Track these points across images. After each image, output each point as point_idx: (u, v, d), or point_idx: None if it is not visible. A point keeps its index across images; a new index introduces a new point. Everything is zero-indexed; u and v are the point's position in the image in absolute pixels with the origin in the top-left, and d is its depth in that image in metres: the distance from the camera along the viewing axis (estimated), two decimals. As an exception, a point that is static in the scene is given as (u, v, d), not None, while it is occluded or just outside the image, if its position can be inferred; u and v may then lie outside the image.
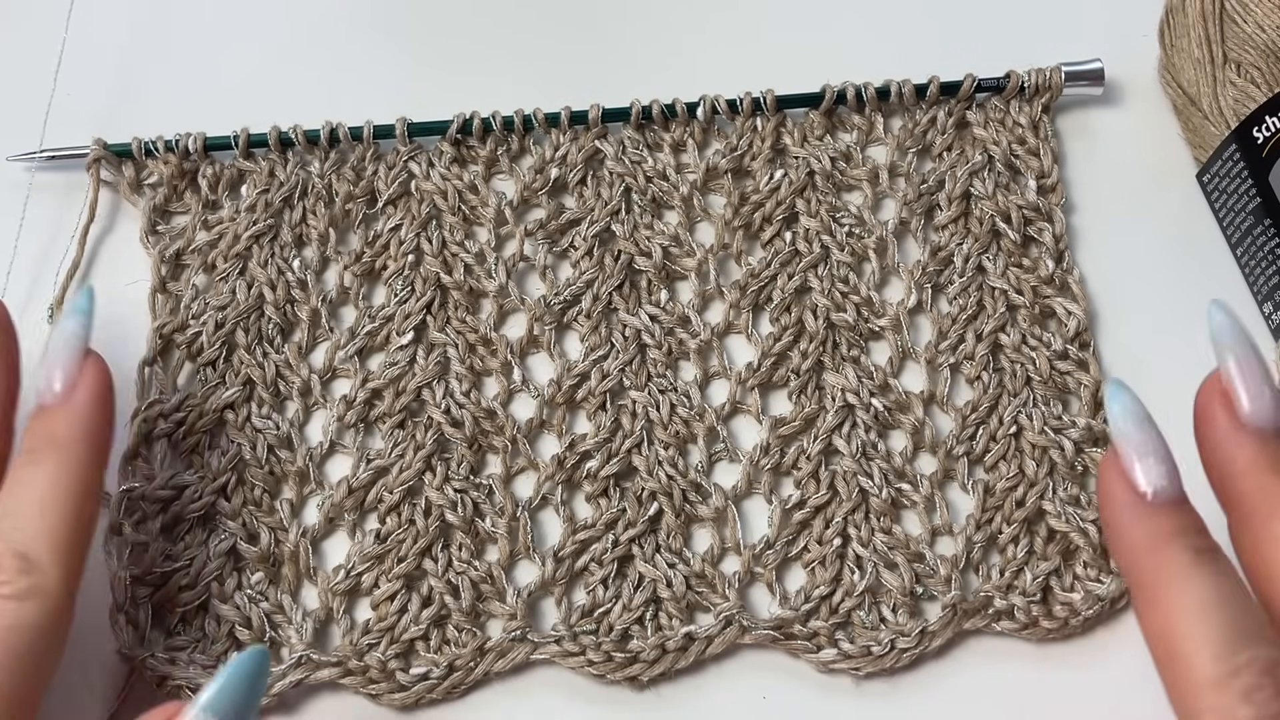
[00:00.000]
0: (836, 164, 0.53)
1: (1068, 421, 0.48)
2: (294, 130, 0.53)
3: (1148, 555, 0.34)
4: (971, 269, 0.51)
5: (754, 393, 0.49)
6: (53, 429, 0.41)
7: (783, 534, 0.47)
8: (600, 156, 0.54)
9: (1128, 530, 0.35)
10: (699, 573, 0.46)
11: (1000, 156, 0.53)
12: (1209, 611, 0.32)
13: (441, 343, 0.50)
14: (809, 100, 0.54)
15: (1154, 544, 0.34)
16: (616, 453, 0.48)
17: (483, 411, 0.49)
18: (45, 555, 0.38)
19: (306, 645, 0.44)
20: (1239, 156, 0.50)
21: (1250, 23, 0.51)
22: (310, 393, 0.50)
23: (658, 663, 0.44)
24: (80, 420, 0.41)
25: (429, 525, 0.47)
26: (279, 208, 0.53)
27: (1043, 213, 0.52)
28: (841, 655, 0.44)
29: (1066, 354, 0.49)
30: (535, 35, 0.59)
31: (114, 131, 0.54)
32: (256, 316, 0.51)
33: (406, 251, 0.52)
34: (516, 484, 0.49)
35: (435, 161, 0.54)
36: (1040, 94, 0.54)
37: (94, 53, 0.59)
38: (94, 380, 0.42)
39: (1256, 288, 0.51)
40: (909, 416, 0.49)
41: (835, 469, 0.48)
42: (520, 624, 0.45)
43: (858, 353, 0.50)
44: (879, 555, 0.46)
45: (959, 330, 0.50)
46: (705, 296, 0.51)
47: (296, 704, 0.45)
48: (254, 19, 0.60)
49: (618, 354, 0.50)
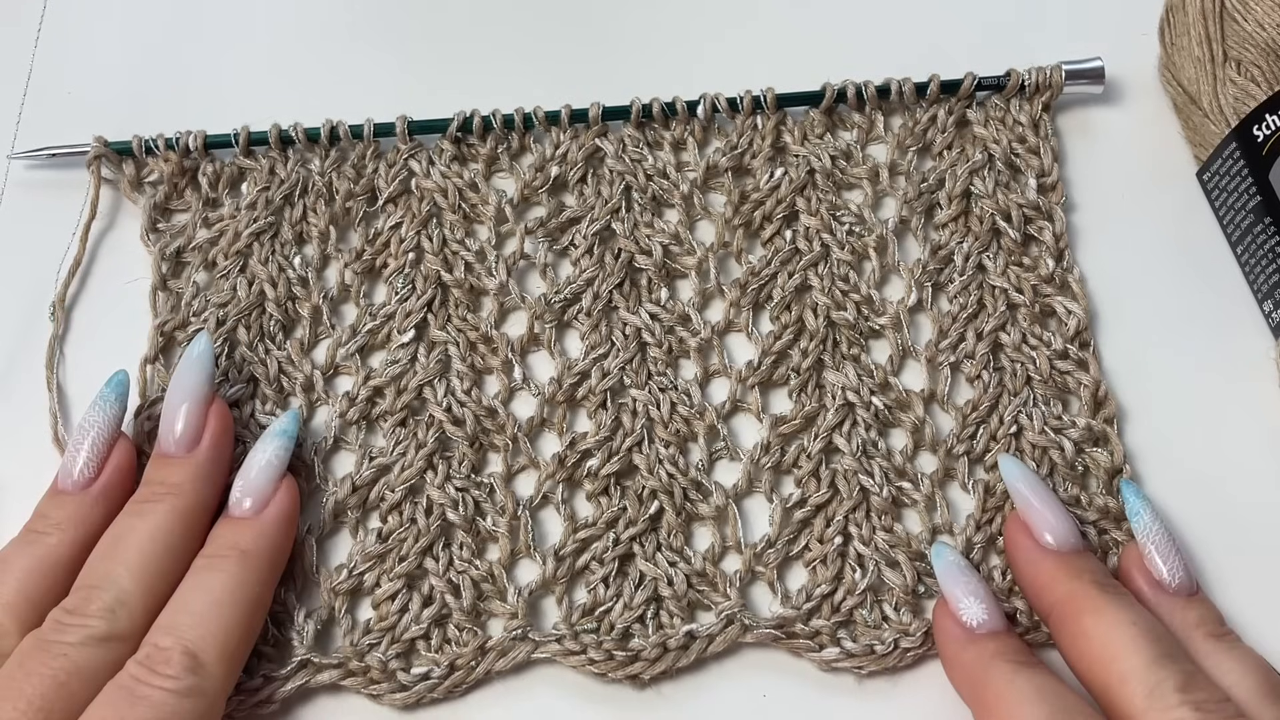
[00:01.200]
0: (837, 162, 0.53)
1: (1067, 421, 0.48)
2: (294, 128, 0.53)
3: (979, 672, 0.40)
4: (972, 267, 0.51)
5: (754, 391, 0.49)
6: (239, 540, 0.42)
7: (784, 532, 0.47)
8: (600, 154, 0.54)
9: (959, 656, 0.41)
10: (700, 571, 0.46)
11: (1000, 155, 0.53)
12: (1031, 697, 0.38)
13: (442, 341, 0.50)
14: (809, 98, 0.54)
15: (981, 663, 0.40)
16: (617, 451, 0.48)
17: (484, 410, 0.49)
18: (212, 658, 0.39)
19: (308, 648, 0.44)
20: (1239, 155, 0.50)
21: (1250, 21, 0.51)
22: (313, 389, 0.50)
23: (659, 661, 0.44)
24: (267, 536, 0.43)
25: (430, 524, 0.47)
26: (279, 205, 0.53)
27: (1043, 211, 0.52)
28: (844, 654, 0.44)
29: (1066, 353, 0.49)
30: (535, 33, 0.59)
31: (114, 129, 0.54)
32: (258, 314, 0.51)
33: (407, 249, 0.52)
34: (517, 482, 0.49)
35: (436, 159, 0.54)
36: (1040, 92, 0.54)
37: (94, 51, 0.59)
38: (285, 501, 0.44)
39: (1256, 286, 0.51)
40: (909, 415, 0.49)
41: (836, 467, 0.48)
42: (521, 623, 0.45)
43: (858, 351, 0.50)
44: (880, 554, 0.46)
45: (959, 329, 0.50)
46: (705, 295, 0.51)
47: (296, 705, 0.44)
48: (255, 17, 0.60)
49: (618, 352, 0.50)
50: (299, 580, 0.46)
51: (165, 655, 0.38)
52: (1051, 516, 0.43)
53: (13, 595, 0.41)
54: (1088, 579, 0.41)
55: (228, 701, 0.43)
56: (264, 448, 0.44)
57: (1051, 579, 0.42)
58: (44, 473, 0.48)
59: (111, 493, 0.44)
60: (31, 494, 0.45)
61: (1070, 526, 0.43)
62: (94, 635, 0.39)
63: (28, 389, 0.50)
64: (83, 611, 0.39)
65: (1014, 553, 0.44)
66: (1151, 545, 0.43)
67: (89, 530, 0.43)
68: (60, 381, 0.51)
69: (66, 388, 0.50)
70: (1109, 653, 0.39)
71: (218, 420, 0.45)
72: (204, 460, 0.44)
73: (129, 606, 0.40)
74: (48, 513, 0.43)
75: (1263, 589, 0.45)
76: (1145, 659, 0.38)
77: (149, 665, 0.38)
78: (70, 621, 0.39)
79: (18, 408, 0.50)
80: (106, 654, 0.39)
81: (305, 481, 0.48)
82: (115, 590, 0.40)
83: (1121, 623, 0.39)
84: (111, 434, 0.44)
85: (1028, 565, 0.43)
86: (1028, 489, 0.44)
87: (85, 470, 0.44)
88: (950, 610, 0.42)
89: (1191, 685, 0.37)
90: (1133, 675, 0.38)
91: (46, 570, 0.41)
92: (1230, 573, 0.46)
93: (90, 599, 0.40)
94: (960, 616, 0.42)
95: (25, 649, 0.39)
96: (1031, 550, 0.43)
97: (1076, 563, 0.42)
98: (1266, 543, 0.47)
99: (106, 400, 0.45)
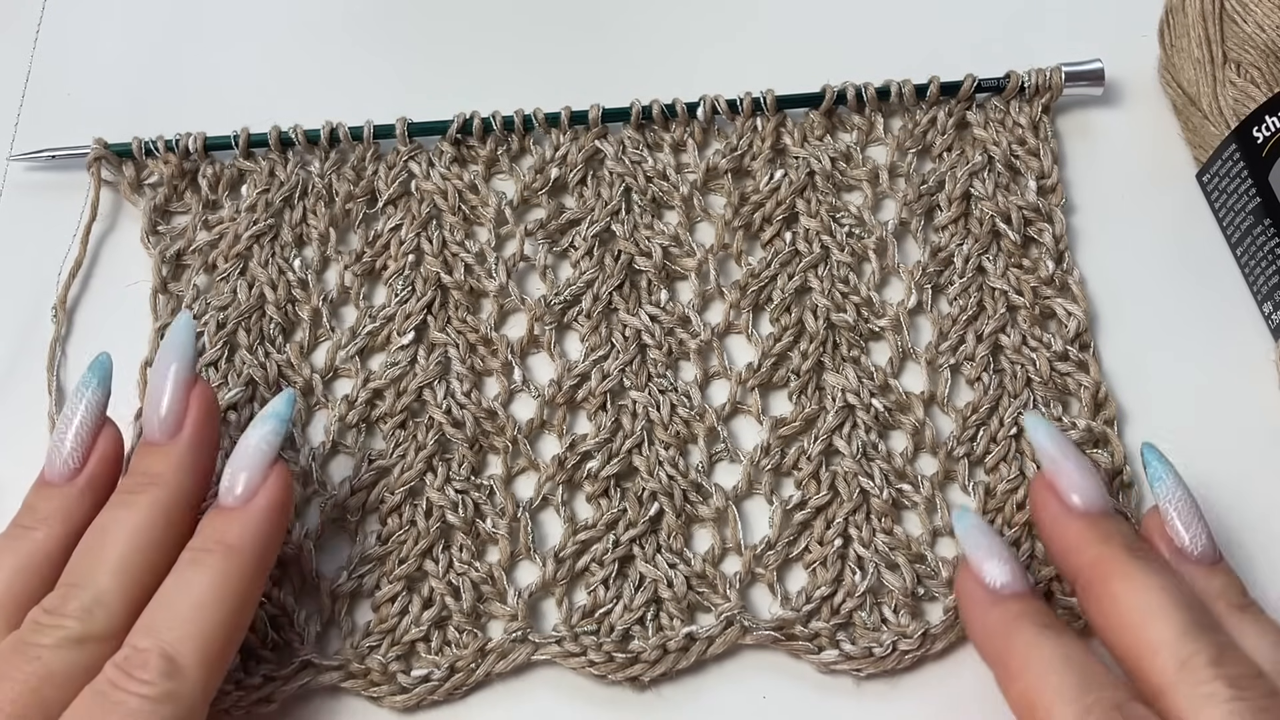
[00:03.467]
0: (836, 164, 0.53)
1: (1068, 424, 0.48)
2: (294, 130, 0.53)
3: (1001, 636, 0.39)
4: (971, 270, 0.51)
5: (754, 393, 0.49)
6: (224, 533, 0.40)
7: (784, 534, 0.47)
8: (600, 156, 0.54)
9: (982, 618, 0.40)
10: (700, 573, 0.46)
11: (1000, 157, 0.53)
12: (1058, 665, 0.37)
13: (442, 343, 0.50)
14: (809, 100, 0.54)
15: (1005, 625, 0.39)
16: (617, 453, 0.48)
17: (483, 412, 0.49)
18: (191, 660, 0.37)
19: (309, 650, 0.44)
20: (1239, 156, 0.50)
21: (1250, 22, 0.51)
22: (312, 392, 0.50)
23: (659, 663, 0.44)
24: (254, 528, 0.40)
25: (430, 526, 0.47)
26: (279, 207, 0.53)
27: (1043, 213, 0.52)
28: (843, 656, 0.44)
29: (1067, 355, 0.49)
30: (535, 35, 0.59)
31: (114, 131, 0.54)
32: (258, 316, 0.51)
33: (407, 251, 0.52)
34: (517, 484, 0.49)
35: (435, 161, 0.54)
36: (1040, 94, 0.54)
37: (94, 53, 0.59)
38: (276, 490, 0.41)
39: (1256, 288, 0.51)
40: (909, 417, 0.49)
41: (836, 469, 0.48)
42: (521, 625, 0.45)
43: (858, 353, 0.50)
44: (880, 556, 0.46)
45: (959, 331, 0.50)
46: (705, 297, 0.51)
47: (296, 707, 0.44)
48: (254, 18, 0.60)
49: (618, 354, 0.50)
50: (298, 582, 0.46)
51: (142, 658, 0.37)
52: (1079, 476, 0.41)
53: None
54: (1117, 542, 0.40)
55: (226, 697, 0.43)
56: (254, 432, 0.42)
57: (1079, 542, 0.40)
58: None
59: (98, 483, 0.42)
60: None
61: (1099, 487, 0.41)
62: (69, 637, 0.37)
63: (28, 390, 0.50)
64: (60, 612, 0.38)
65: (1040, 514, 0.42)
66: (1174, 511, 0.41)
67: (76, 524, 0.41)
68: (61, 383, 0.51)
69: (67, 389, 0.50)
70: (1139, 620, 0.37)
71: (200, 404, 0.42)
72: (186, 447, 0.42)
73: (107, 606, 0.38)
74: (35, 505, 0.41)
75: (1264, 590, 0.45)
76: (1177, 629, 0.37)
77: (125, 669, 0.37)
78: (47, 622, 0.38)
79: (18, 409, 0.50)
80: (83, 656, 0.37)
81: (302, 485, 0.48)
82: (93, 589, 0.38)
83: (1152, 588, 0.38)
84: (96, 421, 0.42)
85: (1054, 527, 0.41)
86: (1055, 447, 0.42)
87: (70, 460, 0.42)
88: (973, 573, 0.41)
89: (1225, 659, 0.36)
90: (1164, 646, 0.36)
91: (34, 567, 0.40)
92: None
93: (68, 598, 0.38)
94: (983, 578, 0.40)
95: (3, 651, 0.37)
96: (1058, 512, 0.41)
97: (1105, 525, 0.40)
98: (1268, 543, 0.47)
99: (89, 385, 0.43)
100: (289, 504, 0.42)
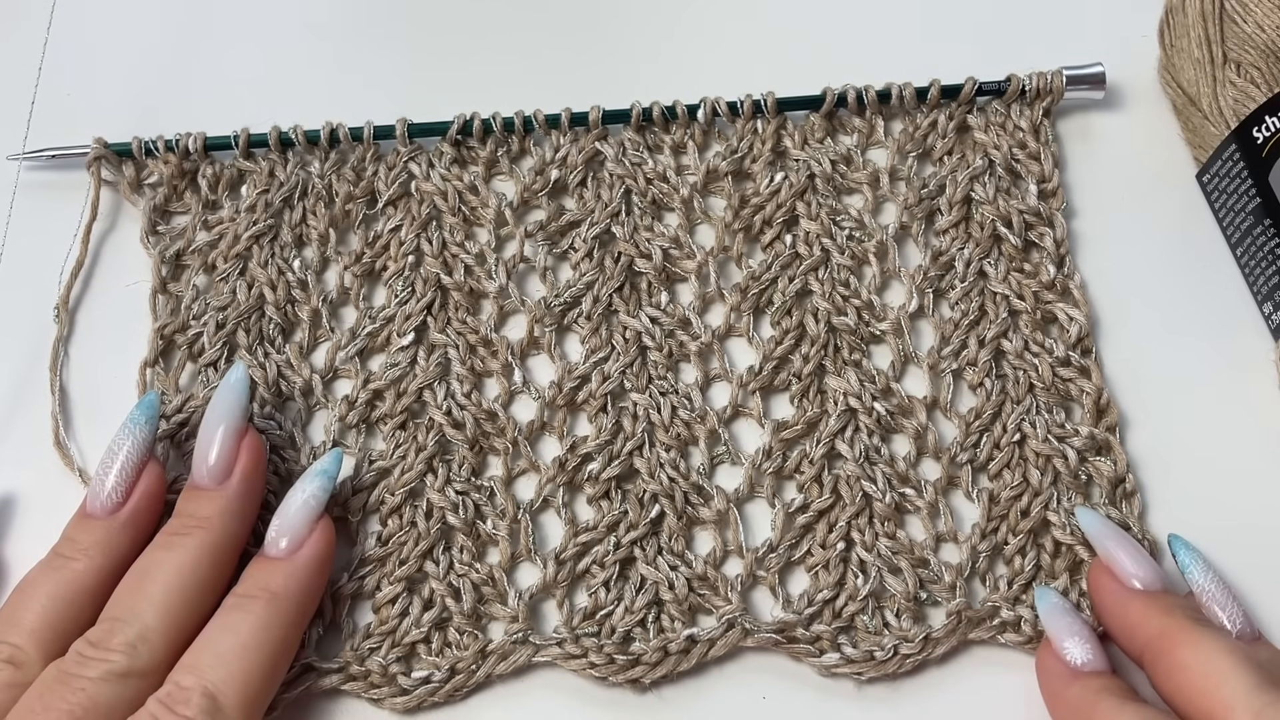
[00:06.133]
0: (837, 167, 0.53)
1: (1071, 430, 0.48)
2: (294, 130, 0.53)
3: (1085, 707, 0.41)
4: (973, 274, 0.51)
5: (755, 396, 0.49)
6: (270, 581, 0.42)
7: (785, 537, 0.47)
8: (600, 158, 0.54)
9: (1063, 693, 0.42)
10: (701, 575, 0.46)
11: (1001, 160, 0.53)
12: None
13: (442, 344, 0.50)
14: (809, 103, 0.54)
15: (1086, 699, 0.41)
16: (618, 455, 0.48)
17: (484, 413, 0.49)
18: (232, 701, 0.39)
19: (310, 652, 0.44)
20: (1239, 156, 0.50)
21: (1250, 23, 0.51)
22: (312, 393, 0.50)
23: (660, 665, 0.44)
24: (298, 578, 0.42)
25: (430, 527, 0.47)
26: (279, 208, 0.53)
27: (1044, 217, 0.52)
28: (844, 659, 0.44)
29: (1068, 360, 0.49)
30: (535, 37, 0.59)
31: (115, 131, 0.54)
32: (257, 317, 0.51)
33: (407, 252, 0.52)
34: (518, 486, 0.49)
35: (435, 162, 0.54)
36: (1041, 98, 0.54)
37: (94, 53, 0.59)
38: (320, 543, 0.43)
39: (1256, 288, 0.51)
40: (912, 421, 0.49)
41: (838, 473, 0.48)
42: (522, 626, 0.45)
43: (859, 357, 0.50)
44: (883, 560, 0.46)
45: (961, 335, 0.50)
46: (706, 299, 0.51)
47: (297, 709, 0.44)
48: (255, 19, 0.60)
49: (618, 356, 0.50)
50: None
51: (185, 695, 0.38)
52: (1135, 561, 0.44)
53: (37, 622, 0.40)
54: (1180, 614, 0.41)
55: None
56: (303, 487, 0.43)
57: (1143, 617, 0.42)
58: (46, 474, 0.48)
59: (140, 519, 0.43)
60: (33, 495, 0.45)
61: (1154, 566, 0.44)
62: (114, 671, 0.38)
63: (28, 391, 0.50)
64: (105, 645, 0.39)
65: (1101, 596, 0.44)
66: (1207, 598, 0.43)
67: (117, 557, 0.42)
68: (63, 383, 0.50)
69: (69, 390, 0.50)
70: (1210, 682, 0.39)
71: (250, 454, 0.44)
72: (234, 495, 0.43)
73: (151, 643, 0.39)
74: (75, 537, 0.42)
75: (1265, 590, 0.45)
76: (1247, 685, 0.38)
77: (168, 704, 0.38)
78: (92, 655, 0.39)
79: (18, 410, 0.50)
80: (126, 690, 0.38)
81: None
82: (139, 626, 0.39)
83: (1219, 651, 0.39)
84: (140, 458, 0.43)
85: (1116, 607, 0.43)
86: (1110, 538, 0.44)
87: (113, 495, 0.43)
88: (1054, 650, 0.43)
89: None
90: (1237, 701, 0.38)
91: (72, 597, 0.41)
92: (1234, 575, 0.45)
93: (113, 632, 0.39)
94: (1064, 656, 0.42)
95: (46, 680, 0.38)
96: (1118, 593, 0.43)
97: (1165, 600, 0.43)
98: (1269, 544, 0.47)
99: (136, 423, 0.44)
100: (331, 557, 0.44)
